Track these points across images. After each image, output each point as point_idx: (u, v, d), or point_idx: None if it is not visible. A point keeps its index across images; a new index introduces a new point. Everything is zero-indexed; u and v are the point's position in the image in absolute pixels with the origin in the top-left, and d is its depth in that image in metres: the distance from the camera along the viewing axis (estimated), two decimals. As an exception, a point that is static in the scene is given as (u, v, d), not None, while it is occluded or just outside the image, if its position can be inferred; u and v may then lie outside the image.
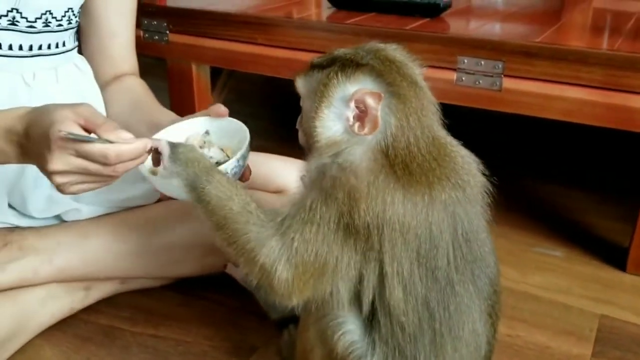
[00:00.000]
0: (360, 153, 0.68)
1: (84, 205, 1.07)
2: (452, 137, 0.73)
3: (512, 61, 1.19)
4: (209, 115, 0.92)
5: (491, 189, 0.72)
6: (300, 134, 0.77)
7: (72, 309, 1.08)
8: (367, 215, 0.65)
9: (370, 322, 0.71)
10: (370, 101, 0.66)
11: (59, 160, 0.74)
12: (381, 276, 0.68)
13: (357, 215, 0.66)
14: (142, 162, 0.79)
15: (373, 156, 0.68)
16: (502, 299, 1.08)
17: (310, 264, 0.68)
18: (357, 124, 0.68)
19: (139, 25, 1.38)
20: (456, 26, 1.36)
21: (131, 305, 1.13)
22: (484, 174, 0.72)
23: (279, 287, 0.69)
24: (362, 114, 0.67)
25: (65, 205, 1.05)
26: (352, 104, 0.67)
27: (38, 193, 1.03)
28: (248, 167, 0.89)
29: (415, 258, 0.67)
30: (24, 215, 1.05)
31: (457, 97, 1.26)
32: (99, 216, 1.08)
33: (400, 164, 0.67)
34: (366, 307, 0.70)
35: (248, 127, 0.89)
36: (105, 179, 0.79)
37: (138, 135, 0.93)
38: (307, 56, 1.42)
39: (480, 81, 1.23)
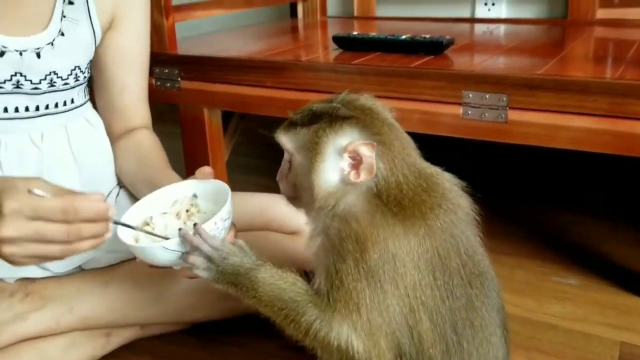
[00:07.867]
0: (354, 199, 0.73)
1: (103, 254, 1.08)
2: (434, 166, 0.78)
3: (516, 94, 1.20)
4: (196, 177, 0.92)
5: (478, 208, 0.76)
6: (285, 186, 0.80)
7: (93, 357, 1.09)
8: (375, 254, 0.69)
9: None
10: (365, 150, 0.71)
11: (11, 226, 0.69)
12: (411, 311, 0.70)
13: (369, 257, 0.69)
14: (106, 231, 0.76)
15: (366, 200, 0.72)
16: (520, 329, 1.08)
17: (374, 323, 0.70)
18: (352, 173, 0.72)
19: (151, 73, 1.43)
20: (460, 62, 1.39)
21: (151, 351, 1.13)
22: (469, 195, 0.77)
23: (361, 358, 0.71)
24: (357, 163, 0.72)
25: (85, 255, 1.06)
26: (346, 155, 0.72)
27: None
28: (233, 227, 0.88)
29: (433, 283, 0.71)
30: (44, 267, 1.05)
31: (464, 130, 1.27)
32: (118, 263, 1.10)
33: (393, 202, 0.72)
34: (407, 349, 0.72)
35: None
36: (61, 249, 0.73)
37: (142, 196, 0.92)
38: (314, 96, 1.46)
39: (486, 114, 1.24)
